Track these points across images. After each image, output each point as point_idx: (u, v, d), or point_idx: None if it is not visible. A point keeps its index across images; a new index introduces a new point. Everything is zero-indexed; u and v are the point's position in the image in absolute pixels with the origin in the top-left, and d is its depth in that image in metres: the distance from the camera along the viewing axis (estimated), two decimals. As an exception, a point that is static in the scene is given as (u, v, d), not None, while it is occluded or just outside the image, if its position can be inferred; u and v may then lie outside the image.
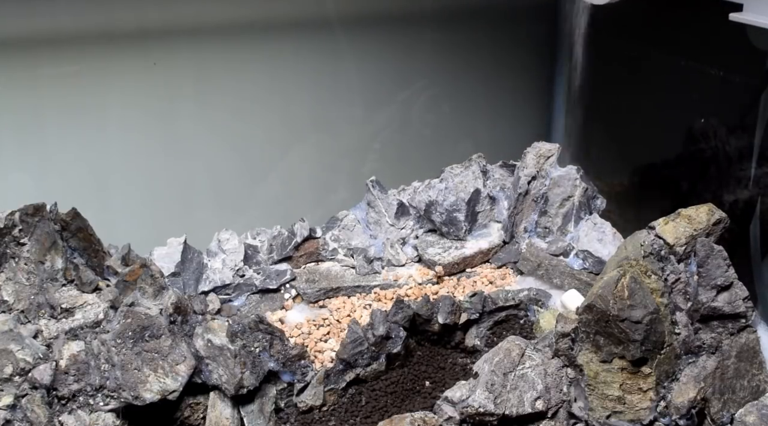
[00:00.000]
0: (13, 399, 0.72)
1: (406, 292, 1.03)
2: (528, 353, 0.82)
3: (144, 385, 0.76)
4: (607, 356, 0.77)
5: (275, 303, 1.04)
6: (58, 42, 0.93)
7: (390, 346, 0.86)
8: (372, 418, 0.83)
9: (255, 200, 1.15)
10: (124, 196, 1.04)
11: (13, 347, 0.74)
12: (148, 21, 0.97)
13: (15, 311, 0.79)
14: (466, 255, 1.10)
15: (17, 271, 0.80)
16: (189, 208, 1.09)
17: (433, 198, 1.11)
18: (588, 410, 0.79)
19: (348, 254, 1.10)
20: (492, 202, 1.16)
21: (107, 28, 0.94)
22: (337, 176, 1.19)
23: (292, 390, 0.84)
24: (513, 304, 0.97)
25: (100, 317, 0.80)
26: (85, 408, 0.75)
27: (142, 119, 1.01)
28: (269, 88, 1.09)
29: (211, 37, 1.02)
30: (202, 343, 0.81)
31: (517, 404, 0.78)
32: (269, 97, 1.10)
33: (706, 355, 0.80)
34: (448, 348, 0.93)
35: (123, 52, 0.97)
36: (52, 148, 0.97)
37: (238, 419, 0.81)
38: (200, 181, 1.09)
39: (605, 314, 0.75)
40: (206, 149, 1.08)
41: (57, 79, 0.94)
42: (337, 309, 1.01)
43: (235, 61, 1.05)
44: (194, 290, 1.01)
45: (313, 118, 1.13)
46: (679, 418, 0.76)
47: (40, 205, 0.83)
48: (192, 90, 1.03)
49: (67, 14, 0.91)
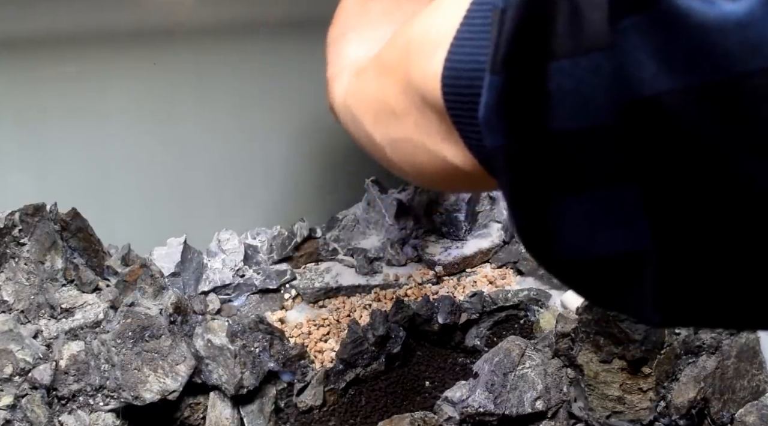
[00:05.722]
0: (13, 399, 0.72)
1: (406, 292, 1.03)
2: (528, 353, 0.82)
3: (144, 385, 0.76)
4: (607, 356, 0.77)
5: (275, 303, 1.04)
6: (58, 42, 0.93)
7: (390, 346, 0.86)
8: (372, 418, 0.83)
9: (255, 200, 1.15)
10: (124, 196, 1.04)
11: (13, 347, 0.74)
12: (148, 21, 0.97)
13: (15, 311, 0.79)
14: (466, 255, 1.10)
15: (17, 271, 0.80)
16: (189, 208, 1.09)
17: (433, 198, 1.11)
18: (588, 410, 0.79)
19: (348, 254, 1.10)
20: (492, 202, 1.16)
21: (107, 28, 0.94)
22: (337, 176, 1.19)
23: (292, 390, 0.84)
24: (513, 304, 0.97)
25: (100, 317, 0.80)
26: (85, 408, 0.75)
27: (142, 119, 1.01)
28: (269, 87, 1.09)
29: (211, 37, 1.02)
30: (202, 343, 0.81)
31: (517, 404, 0.78)
32: (269, 96, 1.10)
33: (706, 355, 0.80)
34: (448, 348, 0.93)
35: (123, 52, 0.96)
36: (52, 148, 0.97)
37: (238, 419, 0.81)
38: (200, 181, 1.09)
39: (605, 314, 0.75)
40: (206, 149, 1.08)
41: (57, 79, 0.94)
42: (337, 309, 1.01)
43: (235, 61, 1.05)
44: (194, 290, 1.01)
45: (314, 117, 1.13)
46: (679, 418, 0.76)
47: (40, 205, 0.83)
48: (192, 90, 1.03)
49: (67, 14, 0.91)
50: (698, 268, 0.21)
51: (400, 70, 0.31)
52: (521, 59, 0.22)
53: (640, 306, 0.24)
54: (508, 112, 0.23)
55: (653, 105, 0.20)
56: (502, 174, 0.25)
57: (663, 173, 0.21)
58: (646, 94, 0.20)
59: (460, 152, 0.29)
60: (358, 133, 0.38)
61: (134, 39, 0.97)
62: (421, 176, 0.34)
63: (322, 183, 1.18)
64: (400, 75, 0.31)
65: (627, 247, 0.23)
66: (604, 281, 0.24)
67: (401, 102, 0.31)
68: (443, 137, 0.30)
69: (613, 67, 0.20)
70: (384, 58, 0.34)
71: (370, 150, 0.37)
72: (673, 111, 0.19)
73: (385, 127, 0.34)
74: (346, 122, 0.40)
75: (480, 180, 0.29)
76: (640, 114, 0.20)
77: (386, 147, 0.35)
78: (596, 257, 0.24)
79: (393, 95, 0.32)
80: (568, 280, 0.26)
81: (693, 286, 0.22)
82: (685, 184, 0.20)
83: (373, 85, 0.35)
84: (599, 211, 0.23)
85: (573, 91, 0.21)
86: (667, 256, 0.22)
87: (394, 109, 0.32)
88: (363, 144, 0.38)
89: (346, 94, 0.39)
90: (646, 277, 0.23)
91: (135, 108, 1.00)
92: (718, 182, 0.20)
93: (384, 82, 0.33)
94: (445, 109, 0.28)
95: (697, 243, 0.21)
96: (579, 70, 0.21)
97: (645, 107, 0.20)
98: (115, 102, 0.98)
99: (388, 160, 0.35)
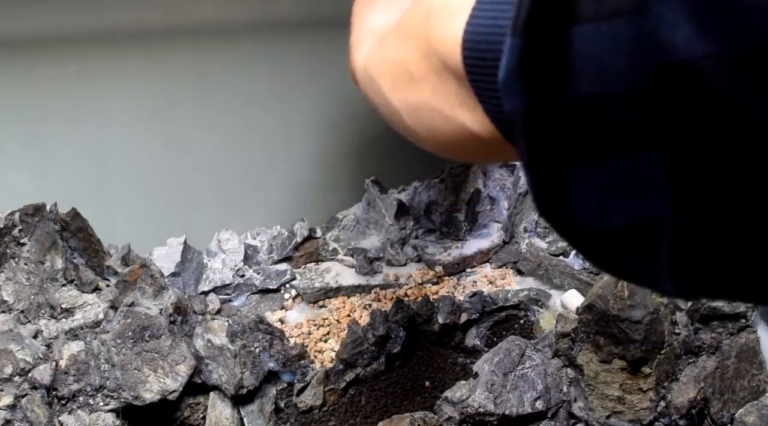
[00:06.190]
0: (13, 399, 0.72)
1: (406, 292, 1.03)
2: (528, 353, 0.82)
3: (144, 385, 0.76)
4: (607, 356, 0.77)
5: (275, 303, 1.04)
6: (58, 42, 0.93)
7: (390, 346, 0.86)
8: (372, 418, 0.83)
9: (255, 200, 1.14)
10: (124, 196, 1.04)
11: (13, 347, 0.74)
12: (148, 21, 0.97)
13: (15, 311, 0.79)
14: (466, 255, 1.10)
15: (17, 271, 0.80)
16: (189, 208, 1.09)
17: (433, 198, 1.11)
18: (588, 410, 0.79)
19: (348, 254, 1.10)
20: (492, 202, 1.16)
21: (107, 28, 0.94)
22: (337, 176, 1.19)
23: (292, 390, 0.84)
24: (513, 304, 0.97)
25: (100, 317, 0.80)
26: (85, 408, 0.75)
27: (142, 119, 1.01)
28: (269, 87, 1.09)
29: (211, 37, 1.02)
30: (202, 343, 0.81)
31: (517, 404, 0.78)
32: (269, 96, 1.10)
33: (706, 355, 0.80)
34: (448, 348, 0.93)
35: (123, 52, 0.96)
36: (52, 148, 0.97)
37: (238, 419, 0.81)
38: (200, 181, 1.09)
39: (605, 314, 0.75)
40: (206, 149, 1.07)
41: (57, 79, 0.94)
42: (337, 309, 1.01)
43: (235, 61, 1.05)
44: (194, 290, 1.01)
45: (314, 117, 1.13)
46: (679, 418, 0.76)
47: (40, 205, 0.83)
48: (192, 90, 1.03)
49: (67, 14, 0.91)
50: (719, 238, 0.21)
51: (420, 35, 0.32)
52: (543, 22, 0.22)
53: (655, 275, 0.23)
54: (528, 75, 0.23)
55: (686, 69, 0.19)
56: (519, 139, 0.25)
57: (689, 140, 0.20)
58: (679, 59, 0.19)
59: (478, 118, 0.29)
60: (376, 99, 0.38)
61: (134, 39, 0.97)
62: (437, 143, 0.34)
63: (322, 183, 1.18)
64: (421, 40, 0.31)
65: (645, 215, 0.22)
66: (620, 249, 0.24)
67: (420, 67, 0.32)
68: (461, 102, 0.30)
69: (638, 32, 0.20)
70: (405, 23, 0.34)
71: (388, 116, 0.38)
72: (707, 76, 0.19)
73: (404, 91, 0.34)
74: (366, 87, 0.40)
75: (496, 147, 0.29)
76: (669, 79, 0.19)
77: (403, 112, 0.35)
78: (613, 225, 0.23)
79: (412, 60, 0.33)
80: (583, 247, 0.25)
81: (712, 256, 0.22)
82: (712, 153, 0.20)
83: (393, 51, 0.35)
84: (618, 178, 0.22)
85: (594, 55, 0.21)
86: (687, 225, 0.21)
87: (413, 73, 0.33)
88: (381, 110, 0.39)
89: (366, 60, 0.39)
90: (663, 246, 0.22)
91: (135, 108, 1.00)
92: (747, 152, 0.19)
93: (404, 47, 0.34)
94: (465, 73, 0.28)
95: (720, 213, 0.21)
96: (601, 35, 0.21)
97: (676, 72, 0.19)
98: (115, 102, 0.98)
99: (405, 126, 0.36)
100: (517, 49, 0.23)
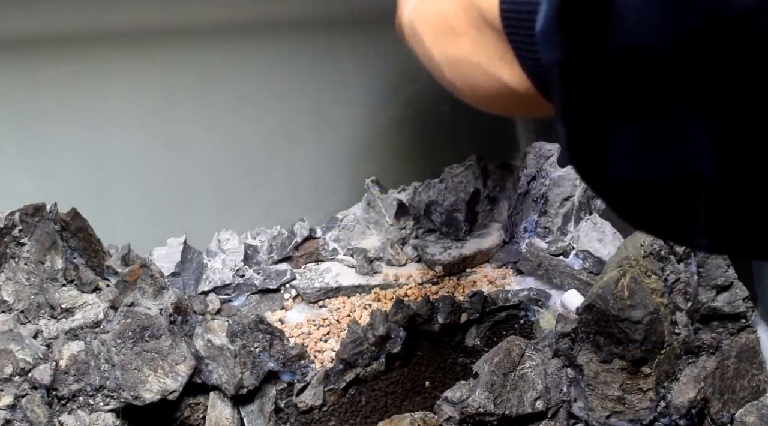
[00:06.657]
0: (13, 399, 0.72)
1: (406, 292, 1.03)
2: (528, 353, 0.82)
3: (144, 385, 0.76)
4: (607, 356, 0.77)
5: (275, 303, 1.04)
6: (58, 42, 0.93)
7: (390, 346, 0.86)
8: (372, 418, 0.83)
9: (255, 200, 1.14)
10: (124, 196, 1.04)
11: (13, 347, 0.74)
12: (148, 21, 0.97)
13: (15, 311, 0.79)
14: (466, 255, 1.10)
15: (17, 271, 0.80)
16: (189, 208, 1.09)
17: (433, 198, 1.11)
18: (588, 410, 0.79)
19: (348, 254, 1.10)
20: (492, 202, 1.16)
21: (107, 28, 0.94)
22: (337, 176, 1.19)
23: (292, 390, 0.84)
24: (513, 304, 0.97)
25: (100, 317, 0.80)
26: (85, 408, 0.75)
27: (142, 119, 1.01)
28: (269, 88, 1.09)
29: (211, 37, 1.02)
30: (202, 343, 0.81)
31: (517, 404, 0.78)
32: (269, 97, 1.10)
33: (706, 355, 0.80)
34: (448, 348, 0.93)
35: (123, 52, 0.96)
36: (52, 148, 0.97)
37: (238, 419, 0.81)
38: (200, 181, 1.09)
39: (605, 314, 0.75)
40: (206, 149, 1.08)
41: (57, 79, 0.94)
42: (337, 309, 1.01)
43: (235, 61, 1.05)
44: (194, 290, 1.01)
45: (314, 117, 1.13)
46: (679, 418, 0.76)
47: (40, 205, 0.83)
48: (192, 90, 1.03)
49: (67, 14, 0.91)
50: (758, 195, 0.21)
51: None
52: None
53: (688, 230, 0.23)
54: (567, 25, 0.22)
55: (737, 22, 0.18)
56: (556, 91, 0.24)
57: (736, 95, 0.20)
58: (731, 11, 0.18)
59: (515, 72, 0.29)
60: (420, 52, 0.40)
61: (134, 39, 0.97)
62: (476, 96, 0.35)
63: (322, 183, 1.18)
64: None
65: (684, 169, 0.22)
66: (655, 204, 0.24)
67: (461, 21, 0.33)
68: (500, 56, 0.30)
69: None
70: None
71: (430, 68, 0.39)
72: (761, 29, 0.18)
73: (444, 45, 0.35)
74: (410, 41, 0.42)
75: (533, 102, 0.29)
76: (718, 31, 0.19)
77: (444, 65, 0.36)
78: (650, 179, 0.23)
79: (453, 14, 0.33)
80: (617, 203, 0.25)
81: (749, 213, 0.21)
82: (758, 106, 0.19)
83: (436, 5, 0.36)
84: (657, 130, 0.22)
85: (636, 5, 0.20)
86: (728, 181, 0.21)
87: (454, 27, 0.34)
88: (424, 63, 0.40)
89: (411, 14, 0.41)
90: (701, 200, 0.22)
91: (135, 108, 1.00)
92: None
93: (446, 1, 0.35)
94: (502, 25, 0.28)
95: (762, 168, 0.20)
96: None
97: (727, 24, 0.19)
98: (115, 102, 0.98)
99: (445, 78, 0.37)
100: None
